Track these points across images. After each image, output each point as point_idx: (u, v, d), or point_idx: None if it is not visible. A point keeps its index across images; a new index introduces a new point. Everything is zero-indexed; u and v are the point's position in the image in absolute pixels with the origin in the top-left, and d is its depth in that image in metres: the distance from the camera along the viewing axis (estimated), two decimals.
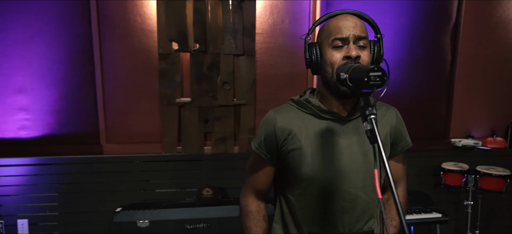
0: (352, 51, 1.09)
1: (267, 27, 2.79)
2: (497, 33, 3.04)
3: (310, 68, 1.20)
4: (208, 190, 2.36)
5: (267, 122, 1.24)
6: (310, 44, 1.18)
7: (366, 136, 1.19)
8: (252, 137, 2.76)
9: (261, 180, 1.29)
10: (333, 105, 1.19)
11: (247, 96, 2.73)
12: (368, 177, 1.20)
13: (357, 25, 1.12)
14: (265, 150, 1.24)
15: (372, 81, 0.88)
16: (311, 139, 1.18)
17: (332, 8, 2.78)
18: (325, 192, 1.19)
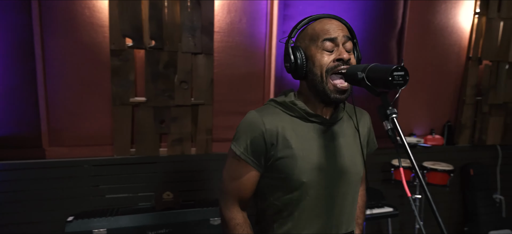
0: (344, 54, 1.10)
1: (224, 26, 2.74)
2: (435, 38, 3.29)
3: (293, 73, 1.16)
4: (168, 194, 2.26)
5: (253, 124, 1.15)
6: (294, 48, 1.16)
7: (349, 137, 1.22)
8: (210, 138, 2.69)
9: (245, 187, 1.20)
10: (318, 109, 1.18)
11: (205, 96, 2.66)
12: (357, 179, 1.22)
13: (343, 28, 1.13)
14: (251, 155, 1.16)
15: (396, 81, 0.88)
16: (301, 143, 1.15)
17: (290, 9, 2.80)
18: (317, 197, 1.17)
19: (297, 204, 1.17)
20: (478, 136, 3.41)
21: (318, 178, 1.15)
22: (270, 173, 1.19)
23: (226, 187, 1.23)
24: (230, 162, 1.22)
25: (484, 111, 3.38)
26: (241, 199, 1.22)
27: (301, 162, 1.14)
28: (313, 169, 1.15)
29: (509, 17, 3.27)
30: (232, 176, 1.21)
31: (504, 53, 3.31)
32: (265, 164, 1.18)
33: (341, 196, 1.20)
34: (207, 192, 2.67)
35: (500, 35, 3.28)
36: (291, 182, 1.15)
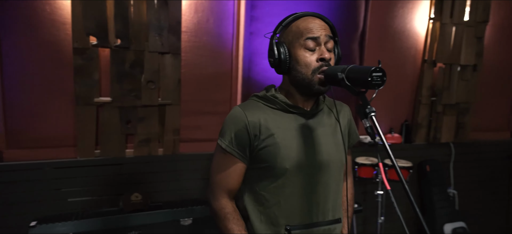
0: (325, 54, 1.17)
1: (192, 26, 2.73)
2: (394, 42, 3.45)
3: (276, 67, 1.21)
4: (137, 195, 2.21)
5: (237, 118, 1.21)
6: (278, 43, 1.20)
7: (329, 128, 1.28)
8: (177, 138, 2.67)
9: (233, 179, 1.25)
10: (298, 102, 1.25)
11: (173, 96, 2.63)
12: (339, 167, 1.27)
13: (326, 27, 1.20)
14: (236, 147, 1.22)
15: (374, 81, 0.94)
16: (283, 132, 1.21)
17: (257, 10, 2.84)
18: (302, 184, 1.22)
19: (282, 191, 1.22)
20: (433, 134, 3.60)
21: (300, 165, 1.21)
22: (255, 163, 1.24)
23: (214, 180, 1.27)
24: (217, 156, 1.27)
25: (438, 111, 3.58)
26: (228, 191, 1.26)
27: (283, 150, 1.19)
28: (294, 156, 1.20)
29: (461, 22, 3.49)
30: (219, 169, 1.26)
31: (456, 57, 3.53)
32: (250, 155, 1.23)
33: (323, 184, 1.25)
34: (176, 193, 2.65)
35: (452, 39, 3.49)
36: (275, 169, 1.20)
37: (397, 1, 3.40)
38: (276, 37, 1.23)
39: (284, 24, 1.22)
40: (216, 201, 1.26)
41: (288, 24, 1.23)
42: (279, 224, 1.23)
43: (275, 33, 1.23)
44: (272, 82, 2.94)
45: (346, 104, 1.41)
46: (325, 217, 1.27)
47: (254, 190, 1.27)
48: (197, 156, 2.76)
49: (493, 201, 3.93)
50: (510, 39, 4.03)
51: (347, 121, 1.37)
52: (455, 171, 3.69)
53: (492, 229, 3.95)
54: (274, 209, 1.24)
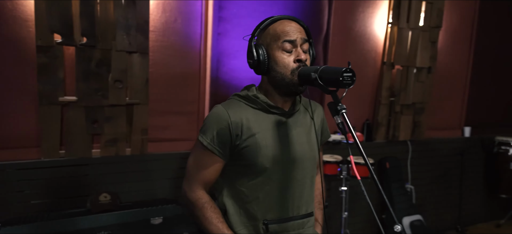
0: (302, 55, 1.24)
1: (159, 25, 2.73)
2: (355, 44, 3.60)
3: (255, 68, 1.28)
4: (105, 195, 2.19)
5: (219, 117, 1.25)
6: (257, 45, 1.27)
7: (305, 127, 1.35)
8: (145, 138, 2.66)
9: (210, 174, 1.30)
10: (278, 102, 1.31)
11: (141, 95, 2.62)
12: (313, 164, 1.35)
13: (301, 30, 1.27)
14: (217, 145, 1.26)
15: (345, 81, 1.02)
16: (264, 132, 1.27)
17: (224, 11, 2.88)
18: (280, 181, 1.29)
19: (261, 188, 1.28)
20: (392, 133, 3.80)
21: (279, 164, 1.28)
22: (236, 161, 1.29)
23: (191, 173, 1.31)
24: (197, 152, 1.31)
25: (397, 111, 3.77)
26: (205, 184, 1.31)
27: (264, 150, 1.25)
28: (274, 155, 1.27)
29: (416, 27, 3.70)
30: (198, 164, 1.30)
31: (412, 59, 3.74)
32: (230, 154, 1.28)
33: (299, 180, 1.33)
34: (145, 193, 2.63)
35: (409, 43, 3.70)
36: (255, 168, 1.26)
37: (358, 6, 3.56)
38: (254, 40, 1.29)
39: (262, 27, 1.29)
40: (193, 192, 1.30)
41: (265, 27, 1.29)
42: (257, 218, 1.30)
43: (253, 36, 1.29)
44: (239, 82, 3.01)
45: (320, 104, 1.49)
46: (299, 211, 1.34)
47: (234, 186, 1.32)
48: (166, 155, 2.76)
49: (446, 195, 4.19)
50: (461, 44, 4.32)
51: (320, 120, 1.45)
52: (412, 167, 3.90)
53: (445, 221, 4.21)
54: (253, 204, 1.29)
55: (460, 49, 4.33)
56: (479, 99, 4.56)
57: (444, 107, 4.32)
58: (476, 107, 4.56)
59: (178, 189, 2.76)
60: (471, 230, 4.18)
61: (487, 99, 4.67)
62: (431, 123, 4.16)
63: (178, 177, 2.78)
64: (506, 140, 4.35)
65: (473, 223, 4.39)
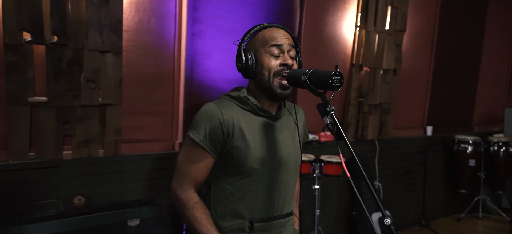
0: (288, 60, 1.29)
1: (133, 25, 2.70)
2: (326, 46, 3.71)
3: (243, 72, 1.31)
4: (80, 198, 2.13)
5: (212, 114, 1.27)
6: (245, 50, 1.31)
7: (290, 131, 1.40)
8: (119, 139, 2.61)
9: (201, 172, 1.31)
10: (265, 105, 1.35)
11: (114, 95, 2.57)
12: (297, 166, 1.41)
13: (289, 37, 1.32)
14: (209, 142, 1.27)
15: (334, 83, 1.07)
16: (254, 133, 1.30)
17: (199, 11, 2.88)
18: (266, 182, 1.33)
19: (249, 188, 1.31)
20: (361, 132, 3.93)
21: (267, 166, 1.32)
22: (225, 160, 1.31)
23: (182, 171, 1.31)
24: (187, 149, 1.31)
25: (365, 111, 3.91)
26: (196, 182, 1.32)
27: (253, 151, 1.29)
28: (262, 157, 1.30)
29: (383, 30, 3.86)
30: (189, 161, 1.30)
31: (379, 61, 3.89)
32: (220, 151, 1.30)
33: (284, 182, 1.37)
34: (119, 194, 2.59)
35: (376, 45, 3.85)
36: (244, 169, 1.29)
37: (328, 8, 3.67)
38: (244, 44, 1.33)
39: (252, 33, 1.33)
40: (184, 191, 1.30)
41: (255, 33, 1.34)
42: (243, 217, 1.33)
43: (243, 41, 1.33)
44: (213, 83, 3.02)
45: (301, 108, 1.53)
46: (282, 211, 1.39)
47: (221, 184, 1.34)
48: (140, 156, 2.72)
49: (411, 191, 4.39)
50: (423, 47, 4.54)
51: (303, 124, 1.50)
52: (379, 165, 4.05)
53: (410, 216, 4.40)
54: (240, 203, 1.32)
55: (422, 51, 4.55)
56: (440, 99, 4.81)
57: (408, 108, 4.52)
58: (437, 107, 4.80)
59: (152, 190, 2.73)
60: (434, 224, 4.39)
61: (447, 99, 4.93)
62: (396, 122, 4.34)
63: (152, 178, 2.75)
64: (465, 138, 4.61)
65: (436, 218, 4.61)
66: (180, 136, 2.93)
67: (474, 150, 4.55)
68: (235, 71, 3.08)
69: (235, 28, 3.03)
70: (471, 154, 4.56)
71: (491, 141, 4.68)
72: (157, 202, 2.62)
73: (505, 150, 4.60)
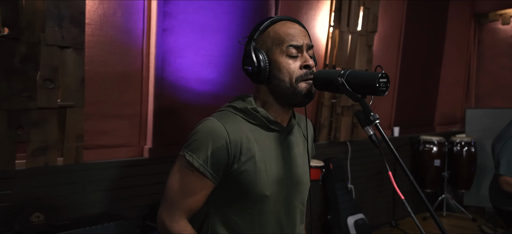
0: (310, 61, 1.10)
1: (96, 17, 2.43)
2: None
3: (254, 76, 1.10)
4: (38, 215, 1.85)
5: (216, 133, 1.06)
6: (256, 50, 1.10)
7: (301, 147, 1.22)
8: (81, 145, 2.34)
9: (197, 201, 1.10)
10: (278, 115, 1.15)
11: (75, 97, 2.30)
12: (307, 188, 1.23)
13: (306, 34, 1.13)
14: (211, 168, 1.06)
15: (381, 87, 0.93)
16: (264, 154, 1.10)
17: (170, 6, 2.66)
18: (278, 209, 1.13)
19: (258, 218, 1.11)
20: (334, 134, 3.87)
21: (279, 190, 1.12)
22: (229, 185, 1.10)
23: (174, 199, 1.10)
24: (182, 173, 1.09)
25: (338, 112, 3.86)
26: (189, 211, 1.11)
27: (264, 175, 1.09)
28: (274, 181, 1.11)
29: (355, 31, 3.82)
30: (184, 188, 1.09)
31: (352, 62, 3.85)
32: (223, 176, 1.09)
33: (297, 208, 1.19)
34: (82, 207, 2.31)
35: (349, 46, 3.81)
36: (253, 196, 1.09)
37: (301, 7, 3.57)
38: (253, 43, 1.12)
39: (261, 29, 1.12)
40: (175, 223, 1.09)
41: (264, 29, 1.13)
42: None
43: (251, 39, 1.12)
44: (186, 83, 2.81)
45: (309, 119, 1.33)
46: None
47: (224, 213, 1.13)
48: (105, 164, 2.46)
49: (381, 192, 4.40)
50: (391, 48, 4.58)
51: (311, 137, 1.31)
52: (351, 167, 4.01)
53: (381, 217, 4.42)
54: None
55: (390, 53, 4.59)
56: (405, 100, 4.88)
57: (376, 108, 4.53)
58: (403, 109, 4.87)
59: (120, 201, 2.48)
60: (402, 224, 4.44)
61: (411, 101, 5.02)
62: None
63: (119, 187, 2.50)
64: (430, 139, 4.70)
65: (404, 217, 4.67)
66: (149, 141, 2.69)
67: (439, 150, 4.66)
68: (209, 70, 2.91)
69: (210, 25, 2.83)
70: (436, 154, 4.66)
71: (454, 141, 4.81)
72: (126, 214, 2.38)
73: (467, 149, 4.74)
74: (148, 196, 2.60)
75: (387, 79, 0.96)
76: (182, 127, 2.80)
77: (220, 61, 2.94)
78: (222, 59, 2.95)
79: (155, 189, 2.62)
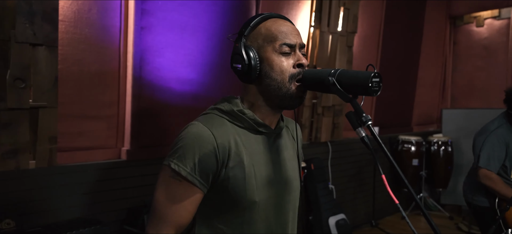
0: (303, 59, 1.06)
1: (70, 14, 2.34)
2: None
3: (244, 75, 1.05)
4: (8, 222, 1.75)
5: (203, 139, 1.00)
6: (247, 47, 1.05)
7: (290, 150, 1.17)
8: (54, 147, 2.23)
9: (187, 212, 1.03)
10: (266, 117, 1.10)
11: (48, 97, 2.19)
12: (298, 192, 1.18)
13: (299, 33, 1.09)
14: (199, 175, 1.00)
15: (374, 87, 0.90)
16: (252, 158, 1.06)
17: (148, 3, 2.58)
18: (268, 216, 1.08)
19: (247, 227, 1.06)
20: (315, 134, 3.86)
21: (269, 195, 1.08)
22: (217, 193, 1.04)
23: (161, 213, 1.02)
24: (168, 183, 1.02)
25: (319, 113, 3.85)
26: (179, 226, 1.03)
27: (253, 181, 1.04)
28: (264, 186, 1.06)
29: (336, 31, 3.83)
30: (172, 200, 1.01)
31: (332, 62, 3.85)
32: (211, 184, 1.03)
33: (287, 211, 1.14)
34: (55, 213, 2.21)
35: (329, 46, 3.81)
36: (242, 203, 1.04)
37: (282, 7, 3.54)
38: (243, 40, 1.06)
39: (252, 25, 1.07)
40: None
41: (255, 25, 1.08)
42: None
43: (241, 36, 1.07)
44: (165, 83, 2.74)
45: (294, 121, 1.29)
46: None
47: (211, 222, 1.07)
48: (80, 167, 2.37)
49: (361, 191, 4.43)
50: (371, 48, 4.62)
51: (300, 140, 1.27)
52: (332, 167, 4.02)
53: (361, 217, 4.44)
54: None
55: (370, 53, 4.62)
56: (384, 101, 4.93)
57: None
58: (382, 109, 4.92)
59: (96, 206, 2.39)
60: (382, 223, 4.48)
61: (390, 101, 5.07)
62: (347, 124, 4.34)
63: (96, 191, 2.40)
64: (408, 139, 4.77)
65: (383, 217, 4.71)
66: (127, 143, 2.60)
67: (417, 149, 4.73)
68: (189, 70, 2.84)
69: (189, 23, 2.77)
70: (414, 154, 4.73)
71: (431, 141, 4.89)
72: (103, 219, 2.29)
73: (444, 149, 4.83)
74: (126, 199, 2.52)
75: (379, 79, 0.93)
76: (161, 128, 2.72)
77: (200, 61, 2.88)
78: (202, 58, 2.89)
79: (133, 193, 2.53)
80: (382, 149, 0.91)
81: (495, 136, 2.54)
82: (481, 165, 2.51)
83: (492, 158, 2.51)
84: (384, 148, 0.91)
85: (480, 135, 2.64)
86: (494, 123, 2.63)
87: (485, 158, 2.52)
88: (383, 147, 0.91)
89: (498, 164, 2.52)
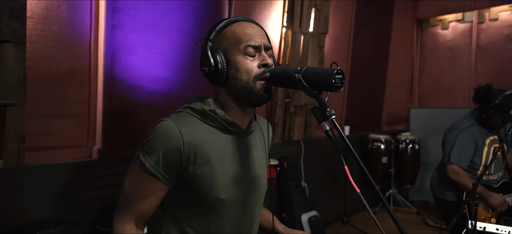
0: (268, 60, 1.09)
1: (39, 10, 2.30)
2: None
3: (212, 78, 1.09)
4: None
5: (169, 135, 1.04)
6: (213, 50, 1.08)
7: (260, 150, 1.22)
8: (22, 147, 2.18)
9: (149, 203, 1.07)
10: (237, 117, 1.13)
11: (16, 95, 2.13)
12: (264, 191, 1.23)
13: (264, 35, 1.13)
14: (163, 169, 1.04)
15: (336, 83, 0.95)
16: (221, 157, 1.09)
17: (119, 1, 2.56)
18: (234, 215, 1.13)
19: (214, 222, 1.10)
20: (288, 133, 3.92)
21: (235, 193, 1.12)
22: (184, 189, 1.08)
23: (125, 199, 1.07)
24: (135, 172, 1.07)
25: (291, 112, 3.91)
26: (140, 215, 1.07)
27: (220, 179, 1.08)
28: (231, 184, 1.10)
29: (307, 32, 3.90)
30: (135, 189, 1.06)
31: (304, 62, 3.92)
32: (177, 179, 1.07)
33: (253, 209, 1.18)
34: (25, 213, 2.16)
35: (301, 46, 3.88)
36: (208, 200, 1.08)
37: (255, 7, 3.59)
38: (209, 44, 1.10)
39: (218, 29, 1.11)
40: (120, 224, 1.06)
41: (221, 29, 1.11)
42: None
43: (207, 40, 1.10)
44: (137, 81, 2.73)
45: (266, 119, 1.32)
46: None
47: (179, 217, 1.11)
48: (49, 167, 2.33)
49: (333, 189, 4.53)
50: (341, 49, 4.73)
51: (270, 139, 1.31)
52: (305, 166, 4.09)
53: (333, 214, 4.54)
54: None
55: (340, 54, 4.74)
56: (355, 100, 5.06)
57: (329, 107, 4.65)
58: (353, 108, 5.04)
59: (67, 206, 2.35)
60: (353, 220, 4.59)
61: (361, 101, 5.21)
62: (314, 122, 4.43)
63: (66, 191, 2.36)
64: (378, 137, 4.91)
65: (354, 213, 4.83)
66: (98, 142, 2.57)
67: (386, 148, 4.88)
68: (161, 69, 2.84)
69: (162, 22, 2.76)
70: (383, 152, 4.87)
71: (399, 139, 5.06)
72: (74, 219, 2.25)
73: (412, 147, 5.00)
74: (98, 199, 2.48)
75: (342, 76, 0.98)
76: (133, 127, 2.70)
77: (173, 60, 2.88)
78: (175, 57, 2.89)
79: (105, 192, 2.50)
80: (345, 142, 0.96)
81: (466, 133, 2.65)
82: (453, 161, 2.62)
83: (463, 154, 2.62)
84: (347, 141, 0.97)
85: (451, 131, 2.73)
86: (465, 121, 2.72)
87: (456, 154, 2.62)
88: (346, 140, 0.97)
89: (468, 161, 2.64)
